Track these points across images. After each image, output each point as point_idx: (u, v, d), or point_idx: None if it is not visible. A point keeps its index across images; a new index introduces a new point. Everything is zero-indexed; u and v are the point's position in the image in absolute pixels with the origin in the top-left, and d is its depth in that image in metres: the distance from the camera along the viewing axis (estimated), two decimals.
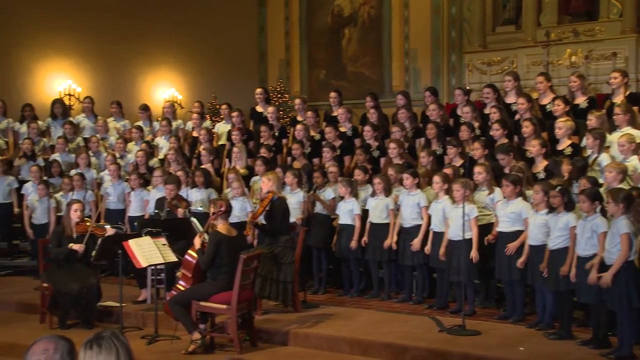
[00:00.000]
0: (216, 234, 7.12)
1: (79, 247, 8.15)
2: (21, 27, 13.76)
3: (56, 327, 8.06)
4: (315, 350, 7.16)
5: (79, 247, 8.15)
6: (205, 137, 10.91)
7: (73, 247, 8.16)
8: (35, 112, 11.96)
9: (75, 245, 8.16)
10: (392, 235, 8.48)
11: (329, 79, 17.04)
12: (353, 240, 8.70)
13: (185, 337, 7.18)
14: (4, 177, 10.74)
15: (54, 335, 3.12)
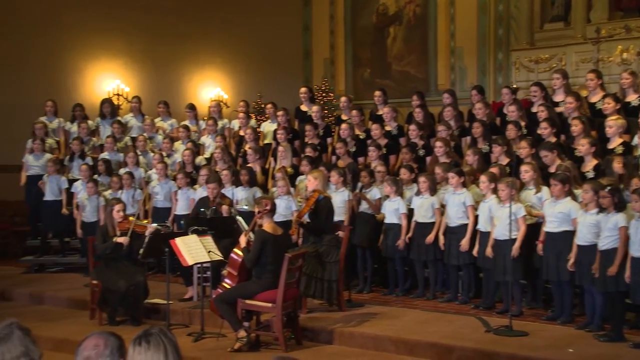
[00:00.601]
0: (262, 233, 7.16)
1: (124, 239, 8.26)
2: (72, 28, 14.01)
3: (105, 323, 8.19)
4: (361, 350, 7.15)
5: (124, 239, 8.26)
6: (251, 136, 10.98)
7: (118, 240, 8.28)
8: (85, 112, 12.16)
9: (120, 238, 8.28)
10: (434, 232, 8.44)
11: (373, 77, 16.97)
12: (400, 239, 8.67)
13: (231, 335, 7.23)
14: (56, 176, 10.95)
15: (104, 331, 3.17)
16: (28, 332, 3.25)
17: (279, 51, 16.88)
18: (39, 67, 13.48)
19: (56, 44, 13.80)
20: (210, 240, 7.80)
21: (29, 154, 11.29)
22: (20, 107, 12.79)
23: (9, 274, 11.07)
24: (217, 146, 10.74)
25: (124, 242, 8.26)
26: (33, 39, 13.44)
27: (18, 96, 13.03)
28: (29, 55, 13.41)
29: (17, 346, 3.15)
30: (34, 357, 3.19)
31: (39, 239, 11.44)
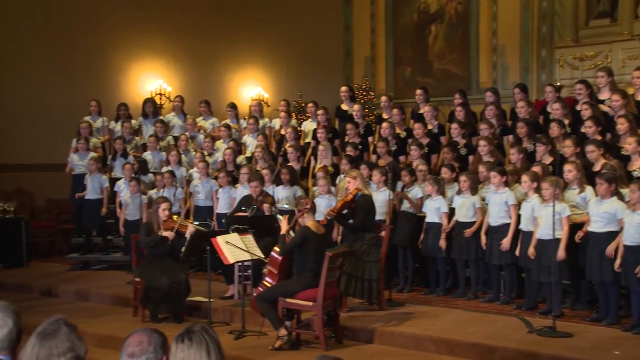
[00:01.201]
0: (306, 229, 7.19)
1: (169, 233, 8.35)
2: (115, 28, 14.22)
3: (148, 320, 8.29)
4: (401, 349, 7.12)
5: (169, 233, 8.35)
6: (292, 135, 11.01)
7: (164, 234, 8.37)
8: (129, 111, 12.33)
9: (165, 232, 8.37)
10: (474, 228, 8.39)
11: (414, 76, 16.90)
12: (441, 239, 8.63)
13: (272, 333, 7.26)
14: (97, 175, 11.12)
15: (147, 328, 3.21)
16: (74, 328, 3.31)
17: (319, 50, 16.90)
18: (83, 68, 13.70)
19: (100, 44, 14.01)
20: (251, 239, 7.85)
21: (73, 153, 11.48)
22: (65, 107, 13.03)
23: (55, 271, 11.29)
24: (258, 145, 10.79)
25: (170, 236, 8.35)
26: (78, 40, 13.67)
27: (64, 96, 13.27)
28: (74, 56, 13.64)
29: (63, 342, 3.21)
30: (80, 352, 3.24)
31: (83, 237, 11.63)
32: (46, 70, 13.39)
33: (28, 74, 13.22)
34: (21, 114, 13.11)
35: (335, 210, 8.14)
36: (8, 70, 13.13)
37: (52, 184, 12.84)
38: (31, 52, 13.27)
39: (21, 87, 13.16)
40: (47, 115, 13.20)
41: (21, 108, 13.13)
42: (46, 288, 10.14)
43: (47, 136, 12.92)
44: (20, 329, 3.63)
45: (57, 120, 13.03)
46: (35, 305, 9.03)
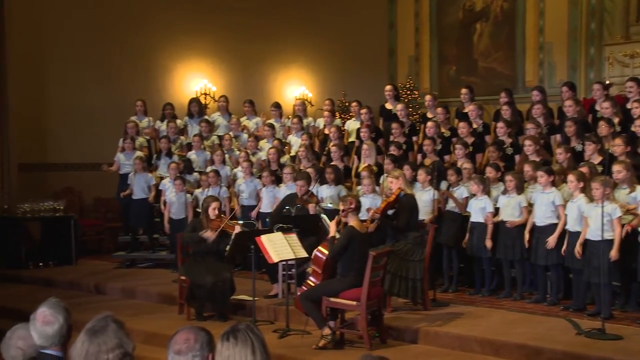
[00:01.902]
0: (351, 229, 7.18)
1: (210, 234, 8.41)
2: (161, 29, 14.39)
3: (193, 318, 8.36)
4: (446, 350, 7.07)
5: (210, 234, 8.41)
6: (335, 134, 11.01)
7: (204, 235, 8.44)
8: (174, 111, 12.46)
9: (207, 232, 8.43)
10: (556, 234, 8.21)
11: (459, 75, 16.76)
12: (487, 239, 8.55)
13: (316, 332, 7.27)
14: (143, 174, 11.26)
15: (194, 326, 3.24)
16: (122, 325, 3.36)
17: (363, 49, 16.85)
18: (130, 68, 13.90)
19: (147, 45, 14.20)
20: (295, 238, 7.87)
21: (120, 153, 11.65)
22: (112, 107, 13.23)
23: (103, 269, 11.47)
24: (302, 144, 10.82)
25: (209, 238, 8.41)
26: (125, 41, 13.88)
27: (111, 96, 13.48)
28: (120, 56, 13.85)
29: (112, 338, 3.26)
30: (128, 349, 3.29)
31: (130, 235, 11.80)
32: (93, 70, 13.60)
33: (76, 75, 13.46)
34: (69, 114, 13.36)
35: (379, 212, 8.12)
36: (56, 70, 13.39)
37: (100, 183, 13.04)
38: (79, 52, 13.50)
39: (69, 88, 13.41)
40: (94, 116, 13.42)
41: (69, 108, 13.38)
42: (94, 285, 10.32)
43: (95, 136, 13.13)
44: (70, 325, 3.70)
45: (104, 120, 13.24)
46: (84, 302, 9.18)
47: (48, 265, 11.73)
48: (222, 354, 3.04)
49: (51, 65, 13.38)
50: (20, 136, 12.72)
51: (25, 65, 12.84)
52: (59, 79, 13.40)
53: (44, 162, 13.40)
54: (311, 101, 15.93)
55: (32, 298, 9.41)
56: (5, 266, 11.65)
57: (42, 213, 12.03)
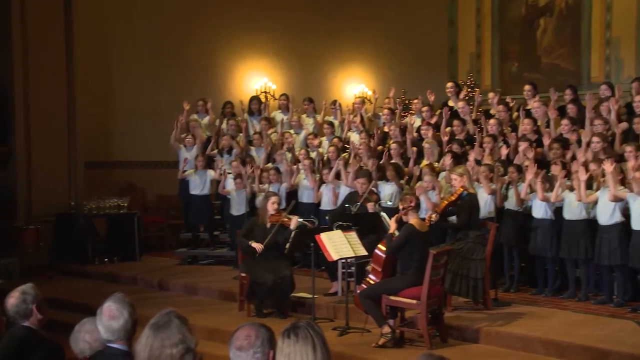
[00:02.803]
0: (410, 227, 7.14)
1: (259, 247, 8.45)
2: (223, 29, 14.55)
3: (253, 315, 8.43)
4: (508, 350, 6.97)
5: (259, 247, 8.45)
6: (395, 132, 10.95)
7: (253, 245, 8.49)
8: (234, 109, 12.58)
9: (254, 244, 8.48)
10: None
11: (521, 71, 16.46)
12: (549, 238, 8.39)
13: (376, 331, 7.26)
14: (203, 171, 11.40)
15: (255, 322, 3.25)
16: (185, 321, 3.40)
17: (423, 46, 16.72)
18: (191, 67, 14.08)
19: (208, 44, 14.37)
20: (354, 236, 7.86)
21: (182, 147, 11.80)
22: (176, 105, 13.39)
23: (166, 265, 11.66)
24: (361, 142, 10.79)
25: (258, 249, 8.45)
26: (186, 40, 14.08)
27: (174, 95, 13.65)
28: (182, 56, 14.04)
29: (175, 334, 3.30)
30: (191, 345, 3.33)
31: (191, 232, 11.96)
32: (156, 69, 13.84)
33: (138, 73, 13.72)
34: (133, 113, 13.62)
35: (440, 210, 8.04)
36: (119, 69, 13.67)
37: (162, 181, 13.27)
38: (141, 51, 13.76)
39: (133, 87, 13.68)
40: (156, 114, 13.64)
41: (133, 107, 13.64)
42: (157, 281, 10.49)
43: (157, 134, 13.34)
44: (135, 319, 3.77)
45: (166, 118, 13.41)
46: (148, 298, 9.36)
47: (113, 261, 11.99)
48: (282, 350, 3.05)
49: (116, 65, 13.67)
50: (87, 135, 13.03)
51: (91, 66, 13.14)
52: (123, 78, 13.68)
53: (108, 160, 13.69)
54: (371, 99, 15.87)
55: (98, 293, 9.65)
56: (72, 261, 11.97)
57: (107, 210, 12.31)
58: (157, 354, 3.28)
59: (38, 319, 4.57)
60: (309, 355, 3.02)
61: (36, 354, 4.39)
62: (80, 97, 12.89)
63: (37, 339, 4.51)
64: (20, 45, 12.10)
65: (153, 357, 3.28)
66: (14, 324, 4.58)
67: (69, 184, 12.75)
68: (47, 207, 12.25)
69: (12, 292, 4.60)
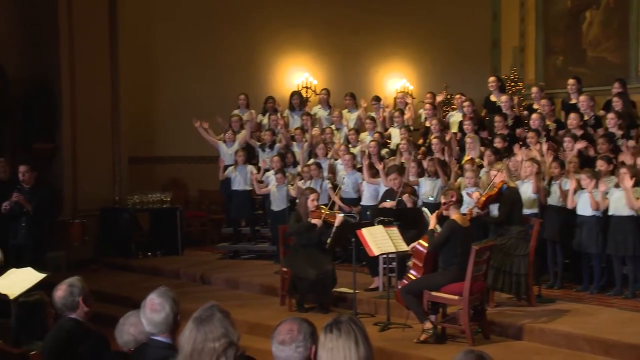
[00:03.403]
0: (452, 222, 7.09)
1: (318, 221, 8.47)
2: (264, 24, 14.60)
3: (295, 309, 8.45)
4: (552, 347, 6.88)
5: (318, 221, 8.47)
6: (437, 127, 10.88)
7: (312, 221, 8.50)
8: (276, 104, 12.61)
9: (314, 220, 8.49)
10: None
11: (566, 65, 16.19)
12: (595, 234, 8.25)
13: (417, 326, 7.22)
14: (244, 166, 11.45)
15: (297, 317, 3.27)
16: (228, 314, 3.42)
17: (466, 41, 16.54)
18: (233, 62, 14.17)
19: (249, 39, 14.44)
20: (395, 231, 7.83)
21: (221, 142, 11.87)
22: (217, 101, 13.52)
23: (207, 260, 11.76)
24: (403, 137, 10.74)
25: (318, 223, 8.46)
26: (228, 35, 14.18)
27: (215, 90, 13.79)
28: (224, 51, 14.15)
29: (217, 328, 3.33)
30: (233, 339, 3.35)
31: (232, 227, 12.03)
32: (197, 65, 13.96)
33: (180, 68, 13.86)
34: (175, 109, 13.75)
35: (480, 205, 7.97)
36: (162, 66, 13.82)
37: (204, 176, 13.37)
38: (183, 48, 13.89)
39: (176, 83, 13.82)
40: (198, 109, 13.68)
41: (176, 103, 13.78)
42: (199, 275, 10.59)
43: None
44: (178, 313, 3.81)
45: (208, 113, 13.50)
46: (190, 292, 9.45)
47: (156, 255, 12.14)
48: (325, 345, 3.05)
49: (159, 61, 13.83)
50: (130, 130, 13.20)
51: (135, 63, 13.30)
52: (166, 74, 13.83)
53: (152, 155, 13.86)
54: (412, 94, 15.79)
55: (141, 286, 9.80)
56: (116, 255, 12.15)
57: (150, 204, 12.46)
58: (200, 348, 3.31)
59: (84, 311, 4.65)
60: (351, 350, 3.01)
61: (83, 345, 4.46)
62: (124, 94, 13.06)
63: (83, 331, 4.59)
64: (67, 45, 12.30)
65: (196, 351, 3.31)
66: (62, 316, 4.67)
67: (113, 179, 12.94)
68: (92, 202, 12.46)
69: (60, 284, 4.69)
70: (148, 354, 3.78)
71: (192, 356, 3.32)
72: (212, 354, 3.29)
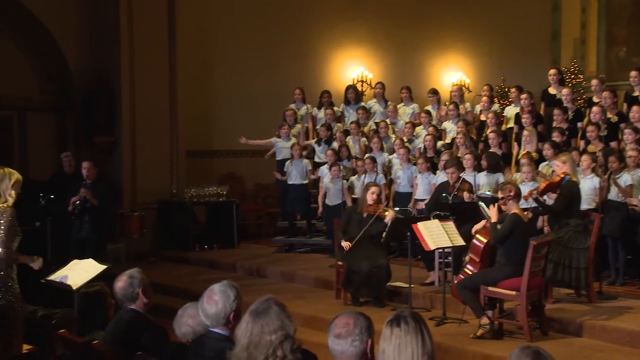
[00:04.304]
0: (515, 216, 7.02)
1: (346, 245, 8.42)
2: (320, 18, 14.64)
3: (349, 303, 8.45)
4: (614, 345, 6.73)
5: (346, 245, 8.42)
6: (493, 120, 10.74)
7: (342, 243, 8.50)
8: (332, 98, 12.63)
9: (343, 243, 8.46)
10: None
11: (630, 56, 15.77)
12: None
13: (473, 321, 7.16)
14: (300, 160, 11.50)
15: (354, 311, 3.27)
16: (284, 307, 3.44)
17: (524, 32, 16.28)
18: (289, 56, 14.25)
19: (305, 33, 14.50)
20: (452, 226, 7.77)
21: (276, 137, 11.95)
22: (273, 95, 13.62)
23: (263, 253, 11.85)
24: (459, 131, 10.64)
25: (345, 247, 8.44)
26: (284, 29, 14.26)
27: (271, 84, 13.88)
28: (280, 45, 14.23)
29: (274, 320, 3.35)
30: (290, 331, 3.37)
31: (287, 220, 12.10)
32: (255, 60, 14.07)
33: (237, 64, 13.99)
34: (232, 103, 13.91)
35: (539, 190, 7.84)
36: (219, 61, 13.97)
37: (260, 169, 13.48)
38: (240, 43, 14.01)
39: (232, 77, 13.95)
40: (255, 104, 13.88)
41: (232, 97, 13.93)
42: (255, 268, 10.68)
43: (255, 123, 13.56)
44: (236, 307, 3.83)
45: (266, 107, 13.66)
46: (246, 285, 9.44)
47: (212, 248, 12.28)
48: (391, 340, 3.05)
49: (216, 56, 13.98)
50: (188, 125, 13.37)
51: (192, 59, 13.48)
52: (223, 68, 13.97)
53: (208, 149, 14.03)
54: (469, 87, 15.63)
55: (199, 279, 9.96)
56: (173, 248, 12.34)
57: (207, 198, 12.60)
58: (256, 340, 3.34)
59: (144, 302, 4.74)
60: (418, 345, 3.02)
61: (144, 335, 4.55)
62: (182, 89, 13.23)
63: (143, 322, 4.68)
64: (127, 42, 12.55)
65: (253, 343, 3.35)
66: (122, 306, 4.77)
67: (171, 173, 13.14)
68: (150, 195, 12.69)
69: (120, 275, 4.79)
70: (206, 345, 3.84)
71: (249, 348, 3.35)
72: (269, 347, 3.32)
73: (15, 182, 5.61)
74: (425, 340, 3.03)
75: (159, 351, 4.31)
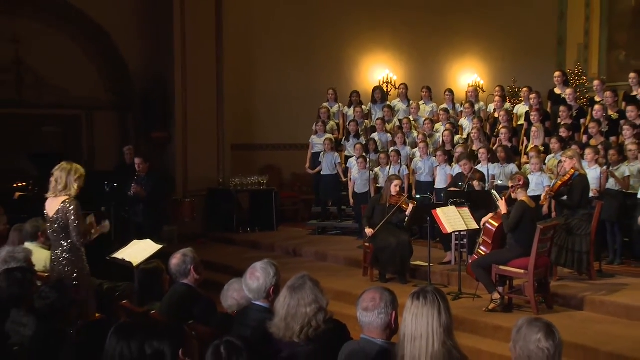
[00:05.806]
0: (522, 204, 6.98)
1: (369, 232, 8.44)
2: (350, 25, 14.60)
3: (376, 280, 8.48)
4: (612, 317, 6.69)
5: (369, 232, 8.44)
6: (505, 117, 10.65)
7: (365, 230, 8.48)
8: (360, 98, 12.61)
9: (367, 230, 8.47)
10: None
11: (629, 59, 15.50)
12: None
13: (486, 297, 7.15)
14: (331, 153, 11.51)
15: (379, 287, 3.29)
16: (317, 283, 3.47)
17: (533, 39, 16.11)
18: (323, 59, 14.23)
19: (337, 39, 14.47)
20: (467, 211, 7.75)
21: (314, 135, 11.98)
22: (308, 94, 13.62)
23: (299, 235, 11.89)
24: (474, 127, 10.56)
25: (368, 234, 8.43)
26: (319, 34, 14.23)
27: (306, 84, 13.89)
28: (315, 48, 14.21)
29: (309, 294, 3.39)
30: (322, 304, 3.40)
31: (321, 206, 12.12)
32: (294, 60, 14.07)
33: (276, 66, 13.99)
34: (272, 100, 13.93)
35: (554, 190, 7.78)
36: (261, 63, 13.97)
37: (296, 161, 13.49)
38: (280, 46, 14.01)
39: (272, 76, 13.95)
40: (291, 101, 13.89)
41: (272, 94, 13.93)
42: (292, 249, 10.72)
43: (291, 119, 13.59)
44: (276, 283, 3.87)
45: (300, 105, 13.66)
46: (284, 263, 9.52)
47: (254, 231, 12.35)
48: (411, 310, 3.07)
49: (258, 59, 13.98)
50: (233, 121, 13.44)
51: (237, 61, 13.52)
52: (264, 71, 13.99)
53: (251, 143, 14.07)
54: (483, 87, 15.48)
55: (243, 257, 10.04)
56: (221, 230, 12.44)
57: (250, 186, 12.67)
58: (293, 312, 3.38)
59: (195, 278, 4.79)
60: (434, 317, 3.02)
61: (195, 307, 4.61)
62: (228, 89, 13.29)
63: (194, 295, 4.73)
64: (180, 47, 12.62)
65: (290, 315, 3.39)
66: (176, 281, 4.83)
67: (218, 164, 13.23)
68: (199, 183, 12.79)
69: (175, 253, 4.85)
70: (249, 316, 3.87)
71: (286, 319, 3.39)
72: (304, 318, 3.36)
73: (79, 177, 5.67)
74: (442, 314, 3.03)
75: (208, 321, 4.36)
